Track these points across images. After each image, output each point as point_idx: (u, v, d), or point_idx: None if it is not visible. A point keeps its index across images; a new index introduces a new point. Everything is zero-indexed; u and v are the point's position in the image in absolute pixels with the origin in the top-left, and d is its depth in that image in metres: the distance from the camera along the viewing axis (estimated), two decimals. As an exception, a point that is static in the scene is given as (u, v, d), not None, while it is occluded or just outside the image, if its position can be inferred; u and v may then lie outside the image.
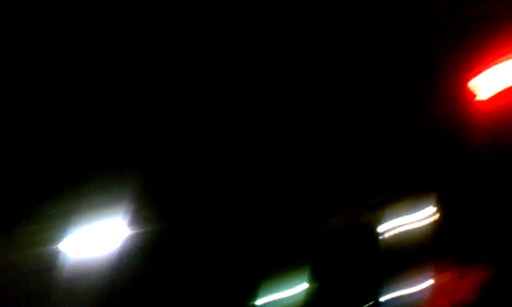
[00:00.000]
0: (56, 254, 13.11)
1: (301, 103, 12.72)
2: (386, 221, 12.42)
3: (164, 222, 13.27)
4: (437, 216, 12.93)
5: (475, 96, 10.64)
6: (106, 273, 13.27)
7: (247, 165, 13.52)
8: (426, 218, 12.82)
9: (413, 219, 12.65)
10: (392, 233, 12.55)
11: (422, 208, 12.71)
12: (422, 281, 13.54)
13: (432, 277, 13.48)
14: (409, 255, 13.07)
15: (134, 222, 13.23)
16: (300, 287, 13.15)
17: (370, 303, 14.09)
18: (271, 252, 13.34)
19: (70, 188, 12.90)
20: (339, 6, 10.35)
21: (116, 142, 13.22)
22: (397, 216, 12.35)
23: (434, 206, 12.84)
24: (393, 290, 13.84)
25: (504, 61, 9.33)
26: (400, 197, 12.56)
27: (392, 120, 12.35)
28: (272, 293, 13.05)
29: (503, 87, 9.79)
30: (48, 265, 13.13)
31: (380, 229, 12.56)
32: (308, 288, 13.26)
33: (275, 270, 13.18)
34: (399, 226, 12.48)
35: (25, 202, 13.07)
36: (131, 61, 13.02)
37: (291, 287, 13.17)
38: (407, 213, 12.47)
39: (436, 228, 13.12)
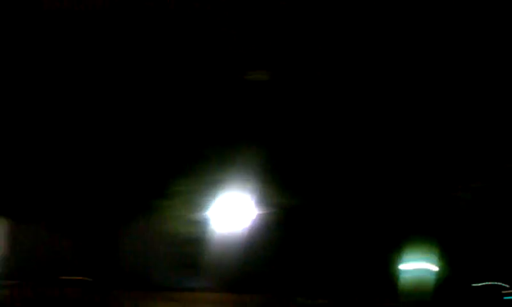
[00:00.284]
0: (194, 228, 13.38)
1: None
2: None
3: (296, 200, 13.25)
4: None
5: None
6: (239, 250, 13.45)
7: (380, 139, 13.28)
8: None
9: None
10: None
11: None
12: None
13: None
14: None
15: (264, 201, 13.34)
16: (441, 257, 12.89)
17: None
18: (411, 221, 13.12)
19: (207, 168, 13.14)
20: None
21: (248, 125, 13.32)
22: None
23: None
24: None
25: None
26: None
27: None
28: (414, 261, 12.85)
29: None
30: (188, 237, 13.42)
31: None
32: (447, 259, 13.00)
33: (417, 239, 12.98)
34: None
35: (167, 179, 13.36)
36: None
37: (431, 257, 12.92)
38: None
39: None
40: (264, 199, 13.05)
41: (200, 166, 13.09)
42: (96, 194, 13.44)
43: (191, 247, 13.30)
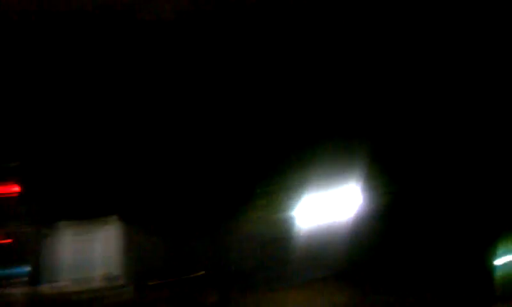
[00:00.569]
0: (293, 222, 13.75)
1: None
2: None
3: (396, 187, 13.34)
4: None
5: None
6: (342, 239, 13.63)
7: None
8: None
9: None
10: None
11: None
12: None
13: None
14: None
15: (367, 188, 13.49)
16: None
17: None
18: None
19: (305, 157, 13.53)
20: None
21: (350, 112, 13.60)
22: None
23: None
24: None
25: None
26: None
27: None
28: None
29: None
30: (284, 233, 13.81)
31: None
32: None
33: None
34: None
35: (262, 175, 13.91)
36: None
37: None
38: None
39: None
40: (366, 189, 13.26)
41: (298, 161, 13.47)
42: (197, 195, 14.07)
43: (288, 244, 13.61)
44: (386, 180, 13.38)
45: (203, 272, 14.55)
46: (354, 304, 13.00)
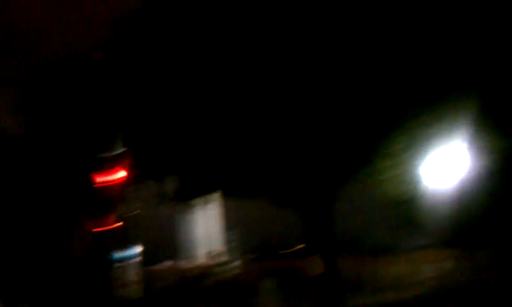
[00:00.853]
0: (410, 185, 13.31)
1: None
2: None
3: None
4: None
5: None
6: (459, 203, 13.50)
7: None
8: None
9: None
10: None
11: None
12: None
13: None
14: None
15: (476, 144, 13.51)
16: None
17: None
18: None
19: (414, 121, 13.41)
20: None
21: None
22: None
23: None
24: None
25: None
26: None
27: None
28: None
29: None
30: (404, 197, 13.48)
31: None
32: None
33: None
34: None
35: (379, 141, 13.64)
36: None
37: None
38: None
39: None
40: (480, 145, 12.85)
41: (412, 122, 13.29)
42: (312, 163, 13.83)
43: (409, 206, 13.54)
44: (498, 133, 12.93)
45: (304, 245, 14.60)
46: (461, 270, 13.19)
